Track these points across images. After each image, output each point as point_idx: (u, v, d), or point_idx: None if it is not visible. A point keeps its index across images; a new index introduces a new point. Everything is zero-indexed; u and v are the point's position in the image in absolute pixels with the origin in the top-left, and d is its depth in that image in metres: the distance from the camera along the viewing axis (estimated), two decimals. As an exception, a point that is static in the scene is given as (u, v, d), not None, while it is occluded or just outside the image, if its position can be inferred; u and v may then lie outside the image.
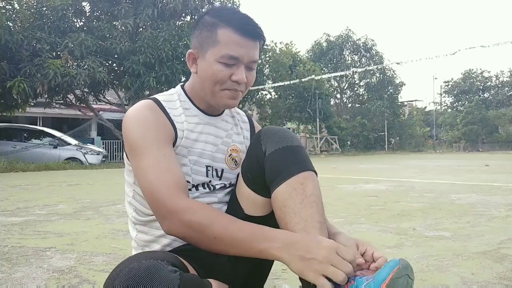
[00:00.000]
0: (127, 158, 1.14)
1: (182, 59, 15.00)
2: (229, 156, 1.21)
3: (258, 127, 1.36)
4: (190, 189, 1.12)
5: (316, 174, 1.09)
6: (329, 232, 1.08)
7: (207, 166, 1.16)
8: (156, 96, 1.18)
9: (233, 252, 0.94)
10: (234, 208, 1.16)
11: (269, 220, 1.12)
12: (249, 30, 1.09)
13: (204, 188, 1.16)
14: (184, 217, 0.95)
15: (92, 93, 16.35)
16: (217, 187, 1.18)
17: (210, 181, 1.17)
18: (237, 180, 1.20)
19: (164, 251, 1.02)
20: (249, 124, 1.35)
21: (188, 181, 1.12)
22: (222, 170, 1.19)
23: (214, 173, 1.18)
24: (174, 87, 1.25)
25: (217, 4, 16.30)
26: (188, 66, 1.16)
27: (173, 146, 1.11)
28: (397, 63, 23.51)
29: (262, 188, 1.09)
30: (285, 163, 1.05)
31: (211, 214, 0.96)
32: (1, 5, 13.77)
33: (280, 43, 27.75)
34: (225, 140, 1.22)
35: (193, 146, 1.14)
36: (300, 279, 0.95)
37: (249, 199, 1.13)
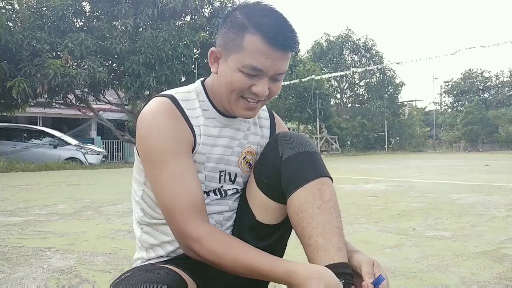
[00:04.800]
0: (138, 155, 1.08)
1: (182, 59, 15.01)
2: (243, 159, 1.15)
3: (280, 123, 1.27)
4: None
5: (332, 180, 1.06)
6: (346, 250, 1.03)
7: (220, 172, 1.11)
8: (173, 93, 1.09)
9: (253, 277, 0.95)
10: (245, 214, 1.13)
11: (280, 228, 1.11)
12: (280, 40, 0.96)
13: (216, 194, 1.11)
14: (201, 246, 0.95)
15: (92, 93, 16.34)
16: (229, 192, 1.13)
17: (222, 186, 1.12)
18: (246, 184, 1.16)
19: (163, 266, 0.99)
20: (269, 120, 1.24)
21: None
22: (236, 175, 1.14)
23: (228, 177, 1.13)
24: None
25: (217, 4, 16.25)
26: (209, 65, 1.08)
27: (192, 152, 1.06)
28: (397, 63, 23.65)
29: (277, 193, 1.06)
30: (302, 168, 1.02)
31: (226, 244, 0.95)
32: (1, 5, 13.77)
33: (280, 43, 27.66)
34: (241, 142, 1.15)
35: (210, 152, 1.08)
36: None
37: (262, 205, 1.09)
